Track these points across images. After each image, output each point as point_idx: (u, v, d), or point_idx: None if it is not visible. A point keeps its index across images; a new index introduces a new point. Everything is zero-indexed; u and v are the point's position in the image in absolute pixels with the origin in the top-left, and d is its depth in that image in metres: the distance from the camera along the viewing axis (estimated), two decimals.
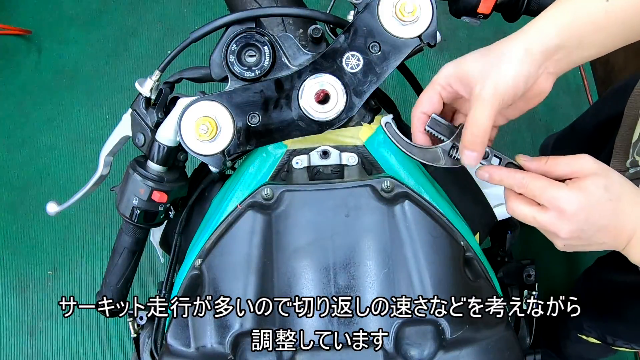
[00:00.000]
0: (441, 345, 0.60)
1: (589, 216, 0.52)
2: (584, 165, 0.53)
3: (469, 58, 0.55)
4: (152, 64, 1.74)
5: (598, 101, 1.18)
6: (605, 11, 0.53)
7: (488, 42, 0.55)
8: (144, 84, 0.65)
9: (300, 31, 0.71)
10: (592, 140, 1.12)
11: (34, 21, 1.86)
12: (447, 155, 0.59)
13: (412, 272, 0.60)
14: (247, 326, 0.60)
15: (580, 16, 0.53)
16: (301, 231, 0.62)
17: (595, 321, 1.09)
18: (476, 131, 0.54)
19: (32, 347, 1.61)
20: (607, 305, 1.05)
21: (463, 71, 0.55)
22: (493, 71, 0.53)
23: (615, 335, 1.05)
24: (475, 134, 0.54)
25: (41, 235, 1.69)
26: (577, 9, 0.53)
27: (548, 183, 0.54)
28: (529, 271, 0.86)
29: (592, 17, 0.53)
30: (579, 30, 0.53)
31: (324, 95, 0.61)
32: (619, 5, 0.53)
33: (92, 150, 1.75)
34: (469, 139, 0.54)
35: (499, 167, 0.57)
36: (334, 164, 0.68)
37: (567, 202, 0.52)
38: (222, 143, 0.61)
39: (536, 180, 0.54)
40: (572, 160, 0.54)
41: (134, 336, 0.80)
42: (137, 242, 0.72)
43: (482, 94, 0.53)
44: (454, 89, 0.57)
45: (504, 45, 0.54)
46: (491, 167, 0.57)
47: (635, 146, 0.83)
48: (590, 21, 0.53)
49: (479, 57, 0.54)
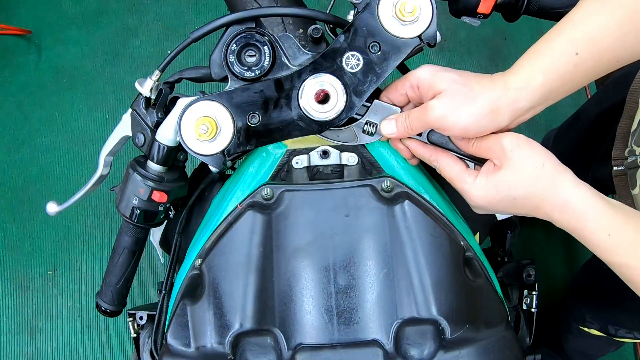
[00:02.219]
0: (441, 345, 0.60)
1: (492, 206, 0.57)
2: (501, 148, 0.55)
3: (445, 78, 0.56)
4: (152, 64, 1.74)
5: (600, 90, 1.17)
6: (574, 64, 0.53)
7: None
8: (144, 84, 0.65)
9: (300, 31, 0.71)
10: (596, 128, 1.12)
11: (34, 21, 1.86)
12: (362, 132, 0.63)
13: (412, 272, 0.61)
14: (247, 326, 0.60)
15: (551, 75, 0.54)
16: (301, 231, 0.62)
17: (597, 312, 1.09)
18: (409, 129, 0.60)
19: (32, 347, 1.62)
20: (608, 295, 1.05)
21: (433, 84, 0.57)
22: (453, 107, 0.55)
23: (617, 325, 1.06)
24: (407, 130, 0.60)
25: (41, 235, 1.69)
26: (548, 68, 0.54)
27: (456, 175, 0.59)
28: (529, 271, 0.86)
29: (562, 71, 0.53)
30: (549, 88, 0.54)
31: (324, 95, 0.61)
32: (588, 56, 0.53)
33: (92, 150, 1.75)
34: (401, 124, 0.60)
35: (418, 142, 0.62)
36: (334, 164, 0.68)
37: (472, 196, 0.57)
38: (222, 143, 0.61)
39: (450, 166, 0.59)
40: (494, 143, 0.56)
41: (134, 336, 0.80)
42: (137, 242, 0.72)
43: (431, 115, 0.56)
44: (418, 92, 0.59)
45: (479, 91, 0.55)
46: (413, 141, 0.62)
47: (634, 135, 0.82)
48: (559, 76, 0.54)
49: (453, 84, 0.55)
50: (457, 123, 0.55)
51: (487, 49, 1.82)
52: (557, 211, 0.54)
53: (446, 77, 0.56)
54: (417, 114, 0.58)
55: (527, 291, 0.86)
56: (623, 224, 0.52)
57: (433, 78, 0.56)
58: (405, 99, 0.61)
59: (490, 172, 0.56)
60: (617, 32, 0.52)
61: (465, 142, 0.59)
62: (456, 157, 0.60)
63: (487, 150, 0.56)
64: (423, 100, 0.59)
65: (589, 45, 0.52)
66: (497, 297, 0.66)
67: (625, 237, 0.52)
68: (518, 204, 0.55)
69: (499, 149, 0.55)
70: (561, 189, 0.53)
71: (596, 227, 0.52)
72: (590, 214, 0.52)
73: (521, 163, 0.54)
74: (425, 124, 0.58)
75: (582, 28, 0.53)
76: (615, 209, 0.53)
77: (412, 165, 0.67)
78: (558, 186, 0.53)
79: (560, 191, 0.53)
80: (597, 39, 0.52)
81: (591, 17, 0.52)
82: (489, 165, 0.57)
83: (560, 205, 0.53)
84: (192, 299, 0.62)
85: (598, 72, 0.54)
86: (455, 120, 0.55)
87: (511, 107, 0.54)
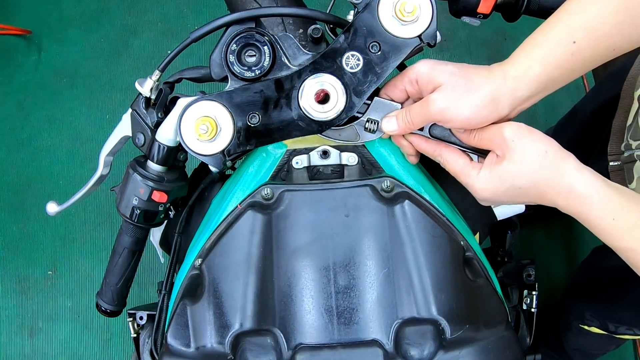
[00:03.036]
0: (441, 345, 0.60)
1: (498, 197, 0.57)
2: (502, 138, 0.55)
3: (444, 71, 0.56)
4: (152, 64, 1.74)
5: (596, 85, 1.17)
6: (571, 53, 0.53)
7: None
8: (144, 84, 0.65)
9: (300, 31, 0.71)
10: (592, 124, 1.12)
11: (34, 21, 1.86)
12: (364, 130, 0.63)
13: (412, 272, 0.61)
14: (247, 326, 0.60)
15: (548, 64, 0.54)
16: (301, 231, 0.62)
17: (597, 309, 1.09)
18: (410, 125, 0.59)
19: (32, 347, 1.62)
20: (607, 292, 1.05)
21: (432, 78, 0.57)
22: (454, 99, 0.55)
23: (618, 322, 1.05)
24: (408, 125, 0.60)
25: (41, 235, 1.69)
26: (546, 56, 0.54)
27: (461, 169, 0.58)
28: (529, 271, 0.86)
29: (560, 60, 0.54)
30: (547, 77, 0.54)
31: (324, 95, 0.61)
32: (585, 44, 0.53)
33: (92, 150, 1.76)
34: (402, 120, 0.60)
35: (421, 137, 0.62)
36: (334, 164, 0.68)
37: (478, 189, 0.57)
38: (222, 143, 0.61)
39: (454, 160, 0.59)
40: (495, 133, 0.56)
41: (134, 336, 0.80)
42: (137, 242, 0.72)
43: (433, 108, 0.56)
44: (417, 87, 0.59)
45: (479, 82, 0.55)
46: (416, 136, 0.62)
47: (629, 130, 0.82)
48: (557, 65, 0.54)
49: (452, 76, 0.56)
50: (459, 115, 0.55)
51: (487, 49, 1.82)
52: (562, 197, 0.53)
53: (445, 70, 0.56)
54: (418, 108, 0.58)
55: (527, 291, 0.86)
56: (628, 207, 0.52)
57: (432, 72, 0.57)
58: (405, 94, 0.61)
59: (493, 163, 0.56)
60: (613, 21, 0.52)
61: (467, 134, 0.59)
62: (460, 150, 0.60)
63: (488, 142, 0.56)
64: (423, 94, 0.59)
65: (586, 34, 0.53)
66: (497, 297, 0.66)
67: (630, 221, 0.52)
68: (523, 192, 0.55)
69: (500, 139, 0.55)
70: (565, 175, 0.53)
71: (601, 211, 0.52)
72: (595, 199, 0.52)
73: (523, 152, 0.54)
74: (426, 118, 0.58)
75: (579, 17, 0.53)
76: (619, 192, 0.52)
77: (412, 164, 0.67)
78: (561, 172, 0.53)
79: (563, 177, 0.53)
80: (593, 27, 0.53)
81: (587, 6, 0.53)
82: (492, 157, 0.57)
83: (565, 191, 0.53)
84: (192, 299, 0.62)
85: (595, 61, 0.55)
86: (457, 112, 0.55)
87: (510, 96, 0.55)
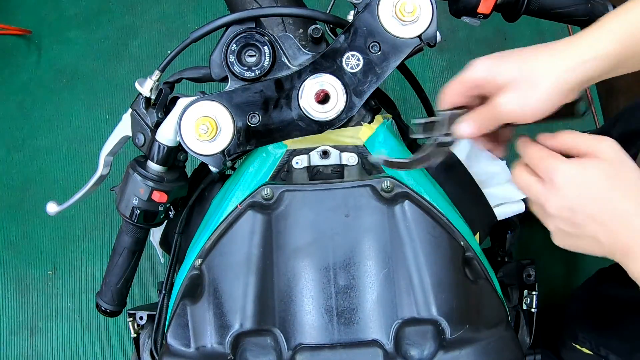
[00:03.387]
0: (441, 345, 0.60)
1: (579, 194, 0.50)
2: (602, 149, 0.51)
3: (503, 71, 0.54)
4: (152, 64, 1.74)
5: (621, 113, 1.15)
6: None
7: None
8: (144, 84, 0.65)
9: (300, 31, 0.71)
10: None
11: (34, 21, 1.86)
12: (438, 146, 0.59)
13: (412, 272, 0.60)
14: (247, 326, 0.60)
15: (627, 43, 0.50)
16: (301, 231, 0.62)
17: (590, 333, 1.07)
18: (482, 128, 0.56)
19: (32, 347, 1.61)
20: (604, 319, 1.02)
21: (492, 81, 0.54)
22: (520, 99, 0.52)
23: (609, 349, 1.04)
24: (480, 129, 0.56)
25: (41, 235, 1.69)
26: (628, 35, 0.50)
27: (547, 154, 0.53)
28: (529, 271, 0.86)
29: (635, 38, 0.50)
30: (617, 58, 0.51)
31: (324, 95, 0.61)
32: None
33: (92, 150, 1.75)
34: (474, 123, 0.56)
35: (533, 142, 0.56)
36: (334, 164, 0.68)
37: (560, 174, 0.51)
38: (222, 143, 0.61)
39: (536, 149, 0.54)
40: (593, 140, 0.52)
41: (134, 336, 0.80)
42: (137, 242, 0.72)
43: (500, 113, 0.53)
44: (477, 91, 0.56)
45: (541, 73, 0.52)
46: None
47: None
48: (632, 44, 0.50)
49: (512, 73, 0.53)
50: (526, 113, 0.53)
51: (487, 49, 1.81)
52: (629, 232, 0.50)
53: (503, 69, 0.54)
54: (486, 113, 0.56)
55: (527, 291, 0.86)
56: None
57: (490, 75, 0.54)
58: (466, 100, 0.58)
59: None
60: None
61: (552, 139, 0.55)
62: None
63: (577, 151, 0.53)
64: (487, 95, 0.56)
65: None
66: (497, 297, 0.66)
67: None
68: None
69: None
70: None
71: None
72: None
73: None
74: (496, 122, 0.55)
75: None
76: None
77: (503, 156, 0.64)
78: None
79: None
80: None
81: None
82: None
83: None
84: (192, 299, 0.62)
85: None
86: (524, 112, 0.53)
87: (573, 81, 0.51)
